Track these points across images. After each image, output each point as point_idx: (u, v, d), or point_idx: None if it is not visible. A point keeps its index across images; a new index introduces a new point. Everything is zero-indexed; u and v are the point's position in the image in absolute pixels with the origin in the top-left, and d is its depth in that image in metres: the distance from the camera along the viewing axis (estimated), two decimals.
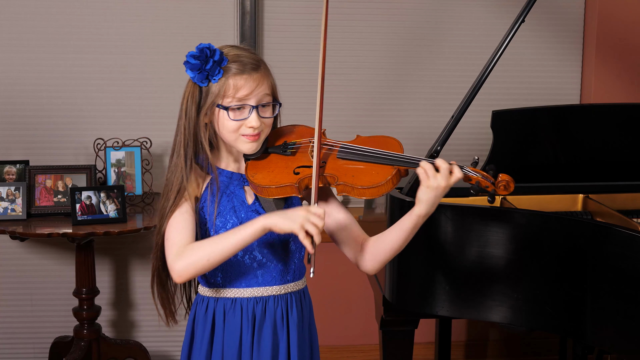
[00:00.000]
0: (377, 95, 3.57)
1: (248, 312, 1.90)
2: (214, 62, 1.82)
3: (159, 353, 3.59)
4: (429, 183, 1.78)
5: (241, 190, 1.90)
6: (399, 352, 2.65)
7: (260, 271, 1.90)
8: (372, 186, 1.81)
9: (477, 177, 1.83)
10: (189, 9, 3.43)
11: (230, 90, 1.83)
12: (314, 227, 1.72)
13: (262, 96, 1.85)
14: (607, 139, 2.86)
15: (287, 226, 1.73)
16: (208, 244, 1.79)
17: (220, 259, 1.78)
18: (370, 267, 1.94)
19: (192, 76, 1.85)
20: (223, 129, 1.86)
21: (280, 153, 1.91)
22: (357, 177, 1.83)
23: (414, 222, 1.84)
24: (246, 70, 1.84)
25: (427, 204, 1.80)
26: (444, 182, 1.78)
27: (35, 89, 3.41)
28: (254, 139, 1.86)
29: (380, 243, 1.90)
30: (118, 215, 3.06)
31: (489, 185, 1.83)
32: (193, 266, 1.77)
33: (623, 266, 2.13)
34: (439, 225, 2.38)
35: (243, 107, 1.84)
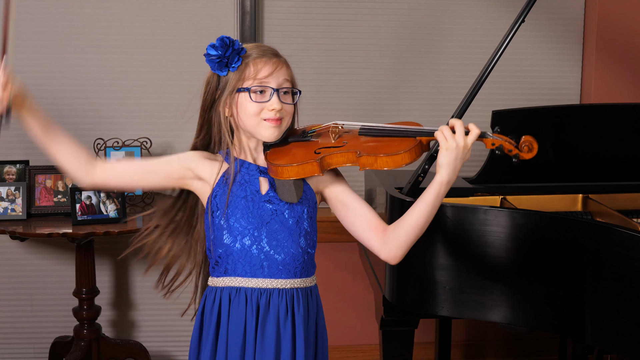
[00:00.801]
0: (377, 95, 3.57)
1: (252, 303, 1.91)
2: (233, 50, 1.86)
3: (159, 353, 3.59)
4: (447, 144, 1.79)
5: (256, 180, 1.92)
6: (399, 352, 2.65)
7: (267, 263, 1.91)
8: (395, 153, 1.80)
9: (500, 140, 1.84)
10: (189, 9, 3.43)
11: (251, 72, 1.87)
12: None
13: (282, 80, 1.89)
14: (607, 139, 2.86)
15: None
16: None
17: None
18: (394, 254, 1.92)
19: (211, 66, 1.89)
20: (244, 114, 1.88)
21: (300, 140, 1.93)
22: (379, 148, 1.83)
23: (436, 190, 1.83)
24: (266, 55, 1.89)
25: (448, 168, 1.81)
26: (462, 141, 1.80)
27: (36, 89, 3.40)
28: (275, 124, 1.88)
29: (404, 224, 1.89)
30: (118, 215, 3.06)
31: (512, 148, 1.84)
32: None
33: (623, 266, 2.13)
34: (439, 225, 2.38)
35: (264, 90, 1.87)
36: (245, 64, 1.87)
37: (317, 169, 1.84)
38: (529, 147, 1.84)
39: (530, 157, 1.85)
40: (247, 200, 1.89)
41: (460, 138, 1.80)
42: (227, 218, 1.89)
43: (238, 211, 1.89)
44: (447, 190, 1.84)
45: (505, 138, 1.85)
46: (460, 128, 1.81)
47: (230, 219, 1.89)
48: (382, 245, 1.92)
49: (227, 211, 1.88)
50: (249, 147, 1.94)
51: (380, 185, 2.68)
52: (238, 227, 1.89)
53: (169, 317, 3.56)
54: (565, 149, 2.86)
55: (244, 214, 1.88)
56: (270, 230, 1.90)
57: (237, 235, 1.89)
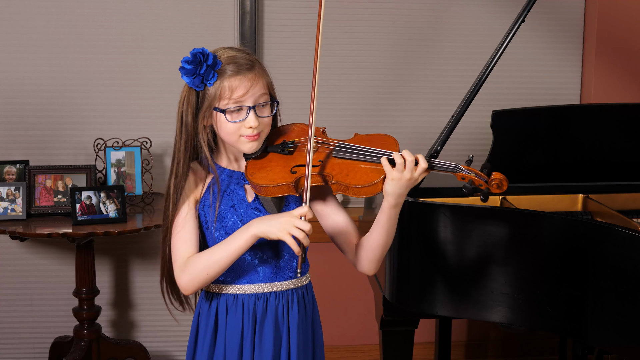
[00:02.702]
0: (377, 95, 3.57)
1: (249, 309, 1.91)
2: (207, 67, 1.84)
3: (159, 353, 3.59)
4: (393, 175, 1.79)
5: (241, 188, 1.92)
6: (399, 352, 2.65)
7: (261, 267, 1.92)
8: (366, 185, 1.82)
9: (470, 175, 1.83)
10: (189, 9, 3.43)
11: (226, 92, 1.84)
12: (299, 231, 1.75)
13: (258, 96, 1.87)
14: (607, 139, 2.86)
15: (274, 234, 1.78)
16: (205, 257, 1.85)
17: (218, 270, 1.85)
18: (366, 268, 1.95)
19: (187, 81, 1.88)
20: (222, 132, 1.88)
21: (279, 152, 1.93)
22: (352, 176, 1.84)
23: (386, 215, 1.85)
24: (241, 71, 1.85)
25: (393, 196, 1.82)
26: (409, 175, 1.79)
27: (35, 89, 3.41)
28: (254, 139, 1.88)
29: (367, 243, 1.91)
30: (118, 215, 3.06)
31: (482, 183, 1.83)
32: (195, 280, 1.86)
33: (623, 266, 2.13)
34: (439, 225, 2.38)
35: (240, 109, 1.85)
36: (220, 81, 1.85)
37: (293, 190, 1.86)
38: (499, 185, 1.84)
39: (498, 192, 1.85)
40: (236, 209, 1.90)
41: (408, 172, 1.79)
42: (217, 228, 1.89)
43: (229, 221, 1.89)
44: (397, 211, 1.85)
45: (476, 172, 1.83)
46: (411, 163, 1.79)
47: (221, 230, 1.89)
48: (356, 259, 1.96)
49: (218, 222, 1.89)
50: (232, 154, 1.95)
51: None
52: None
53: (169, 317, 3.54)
54: (565, 149, 2.86)
55: (235, 223, 1.89)
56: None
57: None
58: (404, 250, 2.43)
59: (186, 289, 1.87)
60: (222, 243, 1.85)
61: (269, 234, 1.79)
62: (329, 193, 1.97)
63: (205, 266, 1.84)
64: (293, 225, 1.76)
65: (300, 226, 1.76)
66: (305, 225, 1.76)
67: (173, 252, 1.89)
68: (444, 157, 1.87)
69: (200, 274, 1.85)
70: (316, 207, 1.97)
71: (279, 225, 1.77)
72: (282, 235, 1.77)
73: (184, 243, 1.88)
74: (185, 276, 1.86)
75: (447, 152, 2.60)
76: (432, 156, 2.52)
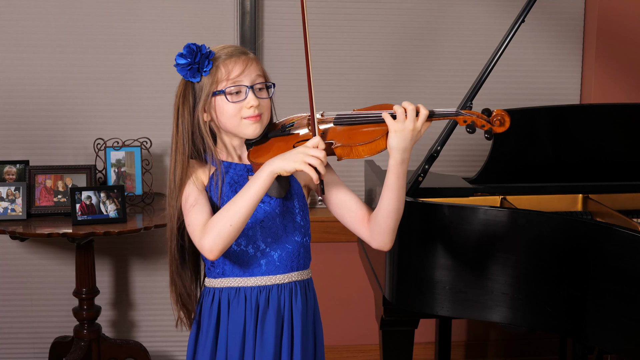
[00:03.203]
0: (377, 95, 3.57)
1: (251, 302, 1.92)
2: (202, 55, 1.88)
3: (159, 353, 3.59)
4: (395, 127, 1.78)
5: (245, 180, 1.92)
6: (399, 352, 2.65)
7: (264, 260, 1.92)
8: (368, 142, 1.80)
9: (471, 117, 1.83)
10: (189, 9, 3.43)
11: (223, 74, 1.88)
12: (314, 158, 1.75)
13: (254, 77, 1.90)
14: (607, 139, 2.86)
15: (290, 166, 1.77)
16: (225, 210, 1.81)
17: (241, 219, 1.79)
18: (381, 241, 1.92)
19: (183, 74, 1.91)
20: (224, 117, 1.89)
21: (279, 135, 1.94)
22: (354, 137, 1.84)
23: (395, 173, 1.83)
24: (234, 54, 1.90)
25: (397, 150, 1.79)
26: (411, 124, 1.78)
27: (35, 89, 3.41)
28: (256, 120, 1.89)
29: (379, 212, 1.89)
30: (118, 215, 3.06)
31: (484, 123, 1.83)
32: (219, 237, 1.79)
33: (623, 266, 2.13)
34: (439, 225, 2.38)
35: (239, 90, 1.88)
36: (216, 67, 1.88)
37: None
38: (501, 121, 1.83)
39: (502, 130, 1.84)
40: None
41: (410, 122, 1.78)
42: None
43: None
44: (405, 168, 1.83)
45: (477, 113, 1.84)
46: (411, 112, 1.79)
47: None
48: (370, 235, 1.93)
49: None
50: (232, 147, 1.95)
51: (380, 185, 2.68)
52: None
53: (169, 317, 3.55)
54: (565, 149, 2.86)
55: None
56: (264, 228, 1.91)
57: None
58: (404, 250, 2.43)
59: (212, 250, 1.79)
60: (240, 192, 1.81)
61: (287, 167, 1.77)
62: (332, 174, 1.97)
63: (227, 218, 1.78)
64: (307, 154, 1.76)
65: (315, 154, 1.76)
66: (320, 153, 1.76)
67: (190, 226, 1.85)
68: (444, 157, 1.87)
69: (223, 227, 1.78)
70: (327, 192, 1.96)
71: (295, 156, 1.77)
72: (298, 165, 1.76)
73: (200, 213, 1.84)
74: (207, 237, 1.79)
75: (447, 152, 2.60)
76: (432, 156, 2.52)
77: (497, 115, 1.83)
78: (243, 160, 1.96)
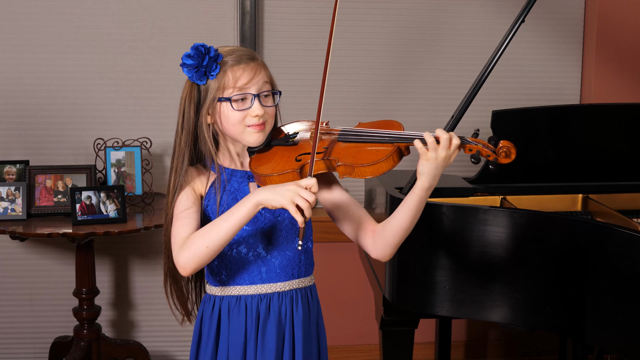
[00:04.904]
0: (377, 95, 3.57)
1: (252, 310, 1.90)
2: (209, 59, 1.84)
3: (159, 353, 3.59)
4: (428, 156, 1.76)
5: (246, 186, 1.91)
6: (399, 352, 2.65)
7: (265, 268, 1.91)
8: (372, 163, 1.79)
9: (477, 146, 1.81)
10: (189, 9, 3.43)
11: (230, 81, 1.85)
12: (304, 201, 1.70)
13: (261, 84, 1.87)
14: (607, 139, 2.86)
15: (277, 202, 1.72)
16: (205, 230, 1.78)
17: (218, 243, 1.77)
18: (383, 253, 1.91)
19: (189, 76, 1.87)
20: (227, 123, 1.87)
21: (282, 144, 1.92)
22: (357, 156, 1.82)
23: (418, 196, 1.81)
24: (243, 61, 1.86)
25: (428, 176, 1.78)
26: (443, 153, 1.76)
27: (35, 89, 3.41)
28: (259, 129, 1.87)
29: (389, 226, 1.88)
30: (118, 215, 3.06)
31: (490, 153, 1.81)
32: (194, 256, 1.77)
33: (623, 266, 2.13)
34: (439, 225, 2.38)
35: (245, 98, 1.85)
36: (223, 72, 1.85)
37: (298, 177, 1.84)
38: (507, 153, 1.81)
39: (507, 162, 1.82)
40: None
41: (443, 150, 1.76)
42: None
43: None
44: (428, 194, 1.82)
45: (483, 142, 1.82)
46: (446, 141, 1.76)
47: None
48: (372, 245, 1.92)
49: None
50: (235, 152, 1.94)
51: (380, 185, 2.68)
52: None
53: (169, 317, 3.55)
54: (565, 149, 2.86)
55: None
56: (265, 235, 1.89)
57: (232, 244, 1.89)
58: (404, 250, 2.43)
59: (185, 267, 1.78)
60: (222, 215, 1.78)
61: (273, 202, 1.72)
62: (335, 182, 1.96)
63: (205, 239, 1.76)
64: (298, 194, 1.71)
65: (305, 196, 1.71)
66: (310, 197, 1.71)
67: (173, 236, 1.84)
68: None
69: (199, 248, 1.76)
70: (325, 196, 1.95)
71: (285, 192, 1.71)
72: (285, 203, 1.70)
73: (184, 226, 1.82)
74: (183, 253, 1.77)
75: None
76: None
77: (503, 146, 1.81)
78: (245, 166, 1.94)
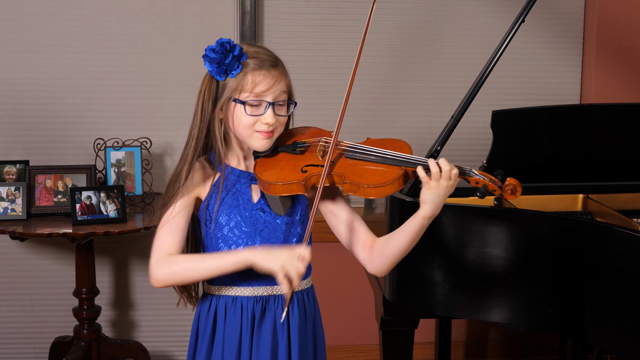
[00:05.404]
0: (377, 95, 3.57)
1: (248, 311, 1.90)
2: (233, 57, 1.84)
3: (159, 353, 3.59)
4: (431, 185, 1.77)
5: (248, 188, 1.91)
6: (399, 352, 2.65)
7: None
8: (378, 185, 1.80)
9: (484, 180, 1.81)
10: (189, 9, 3.43)
11: (249, 85, 1.84)
12: (295, 271, 1.75)
13: (279, 93, 1.87)
14: (607, 139, 2.86)
15: (267, 266, 1.77)
16: (190, 260, 1.84)
17: (196, 278, 1.85)
18: (378, 269, 1.93)
19: (210, 70, 1.86)
20: (238, 124, 1.87)
21: (289, 152, 1.92)
22: (364, 176, 1.82)
23: (419, 224, 1.83)
24: (265, 67, 1.86)
25: (431, 205, 1.79)
26: (446, 182, 1.77)
27: (35, 89, 3.41)
28: (268, 136, 1.87)
29: (388, 245, 1.89)
30: (118, 215, 3.06)
31: (496, 189, 1.81)
32: (170, 277, 1.84)
33: (623, 266, 2.13)
34: (440, 225, 2.38)
35: (260, 103, 1.85)
36: (243, 73, 1.84)
37: (302, 189, 1.84)
38: (512, 191, 1.81)
39: (512, 199, 1.82)
40: (240, 210, 1.88)
41: (444, 181, 1.77)
42: (220, 227, 1.88)
43: (232, 221, 1.88)
44: (429, 222, 1.83)
45: (490, 177, 1.82)
46: (447, 173, 1.77)
47: (224, 228, 1.88)
48: (369, 260, 1.93)
49: (220, 220, 1.88)
50: (241, 153, 1.94)
51: None
52: (232, 237, 1.88)
53: (169, 317, 3.56)
54: (565, 149, 2.86)
55: (237, 223, 1.87)
56: (264, 237, 1.89)
57: (231, 245, 1.89)
58: None
59: (159, 280, 1.83)
60: (212, 255, 1.85)
61: (264, 265, 1.77)
62: (338, 193, 1.96)
63: (186, 269, 1.82)
64: (290, 263, 1.75)
65: (297, 267, 1.75)
66: (301, 268, 1.75)
67: (157, 240, 1.85)
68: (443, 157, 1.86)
69: (177, 273, 1.83)
70: (326, 206, 1.95)
71: (278, 258, 1.76)
72: (276, 270, 1.75)
73: (170, 235, 1.85)
74: (162, 270, 1.82)
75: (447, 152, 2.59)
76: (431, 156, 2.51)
77: (509, 184, 1.81)
78: (249, 168, 1.94)
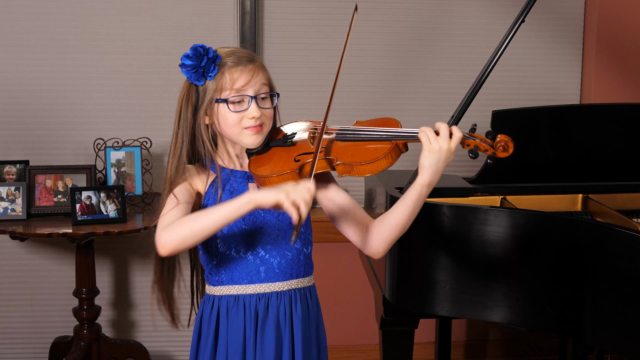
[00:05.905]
0: (377, 95, 3.57)
1: (251, 309, 1.90)
2: (208, 59, 1.85)
3: (159, 353, 3.59)
4: (431, 147, 1.77)
5: (245, 187, 1.91)
6: (399, 352, 2.65)
7: (263, 268, 1.90)
8: (370, 162, 1.80)
9: (475, 141, 1.82)
10: (189, 9, 3.43)
11: (228, 82, 1.85)
12: (301, 198, 1.68)
13: (259, 86, 1.87)
14: (607, 139, 2.86)
15: (272, 198, 1.69)
16: (194, 216, 1.76)
17: (203, 232, 1.74)
18: (376, 249, 1.91)
19: (188, 76, 1.88)
20: (225, 125, 1.87)
21: (281, 145, 1.92)
22: (356, 155, 1.83)
23: (417, 192, 1.81)
24: (242, 63, 1.87)
25: (430, 170, 1.78)
26: (446, 145, 1.77)
27: (35, 89, 3.41)
28: (256, 131, 1.87)
29: (386, 221, 1.88)
30: (118, 215, 3.06)
31: (487, 148, 1.82)
32: (177, 238, 1.73)
33: (623, 266, 2.13)
34: (439, 225, 2.38)
35: (242, 100, 1.86)
36: (221, 73, 1.85)
37: (297, 177, 1.84)
38: (504, 147, 1.81)
39: (505, 156, 1.82)
40: None
41: (444, 141, 1.77)
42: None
43: None
44: (429, 192, 1.82)
45: (481, 137, 1.82)
46: (445, 131, 1.77)
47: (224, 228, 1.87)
48: (365, 241, 1.92)
49: None
50: (234, 153, 1.94)
51: (380, 185, 2.68)
52: (231, 236, 1.88)
53: None
54: (565, 149, 2.86)
55: (236, 222, 1.86)
56: (264, 235, 1.89)
57: (231, 244, 1.89)
58: (404, 250, 2.44)
59: (164, 245, 1.73)
60: (213, 207, 1.77)
61: (267, 196, 1.70)
62: (332, 179, 1.96)
63: (190, 225, 1.73)
64: (295, 189, 1.69)
65: (302, 192, 1.69)
66: (307, 194, 1.69)
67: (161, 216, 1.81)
68: None
69: (183, 230, 1.72)
70: (321, 193, 1.94)
71: (281, 190, 1.70)
72: (282, 198, 1.68)
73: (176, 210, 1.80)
74: (167, 234, 1.74)
75: None
76: None
77: (500, 140, 1.81)
78: (244, 167, 1.94)
